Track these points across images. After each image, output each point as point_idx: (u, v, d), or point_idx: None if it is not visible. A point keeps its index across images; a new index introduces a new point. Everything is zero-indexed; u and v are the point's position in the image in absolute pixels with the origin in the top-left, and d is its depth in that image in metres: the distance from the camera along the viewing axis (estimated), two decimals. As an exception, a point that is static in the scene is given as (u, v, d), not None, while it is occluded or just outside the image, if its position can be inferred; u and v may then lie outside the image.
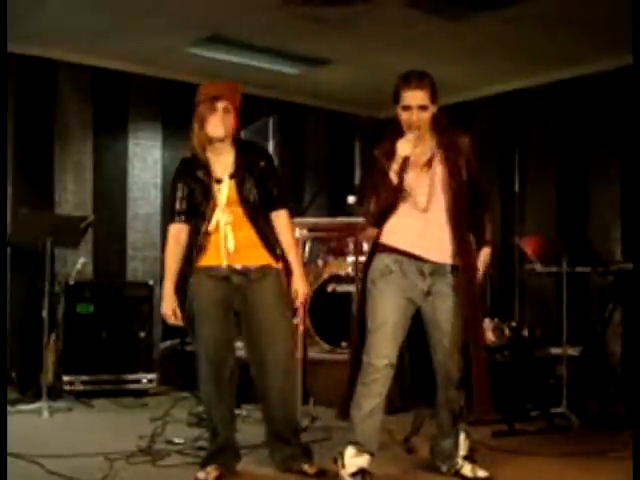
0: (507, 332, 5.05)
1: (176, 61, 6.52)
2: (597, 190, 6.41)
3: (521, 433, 4.37)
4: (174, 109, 6.95)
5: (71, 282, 5.70)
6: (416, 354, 4.65)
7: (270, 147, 7.04)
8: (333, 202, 7.41)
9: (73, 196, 6.40)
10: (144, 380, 5.78)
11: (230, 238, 3.45)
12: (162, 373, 6.00)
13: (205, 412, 3.65)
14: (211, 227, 3.46)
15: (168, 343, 6.42)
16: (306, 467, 3.50)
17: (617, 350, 5.99)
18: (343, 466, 3.33)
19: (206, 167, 3.50)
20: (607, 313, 5.09)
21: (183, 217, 3.53)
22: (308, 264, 6.03)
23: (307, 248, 6.17)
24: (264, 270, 3.50)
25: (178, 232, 3.53)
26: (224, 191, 3.47)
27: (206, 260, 3.48)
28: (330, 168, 7.80)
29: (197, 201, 3.49)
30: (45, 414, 4.84)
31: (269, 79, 6.94)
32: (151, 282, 6.07)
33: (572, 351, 5.08)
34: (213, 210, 3.47)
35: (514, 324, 5.24)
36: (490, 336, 5.01)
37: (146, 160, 6.82)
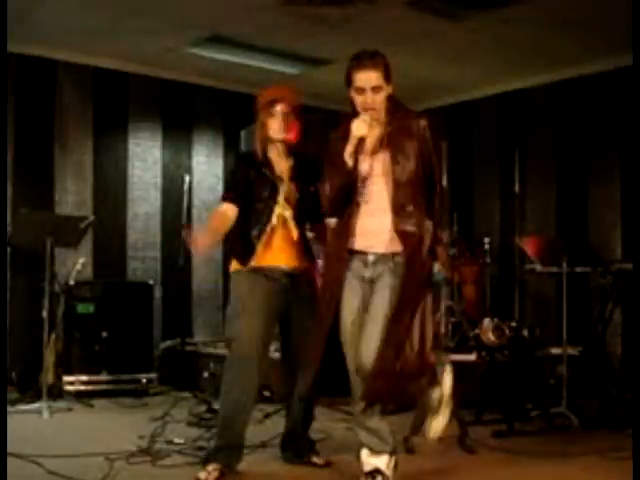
0: (507, 332, 5.05)
1: (176, 61, 6.52)
2: (597, 190, 6.41)
3: (521, 433, 4.38)
4: (174, 109, 6.96)
5: (71, 282, 5.70)
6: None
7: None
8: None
9: (73, 196, 6.40)
10: (144, 380, 5.78)
11: (277, 236, 3.57)
12: (162, 373, 6.00)
13: (228, 413, 3.51)
14: (275, 221, 3.57)
15: (168, 343, 6.42)
16: (315, 459, 3.66)
17: (617, 350, 6.00)
18: (361, 463, 3.27)
19: (270, 165, 3.63)
20: (607, 313, 5.09)
21: (236, 200, 3.59)
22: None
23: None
24: (306, 273, 3.67)
25: (227, 210, 3.60)
26: (282, 190, 3.60)
27: (263, 259, 3.55)
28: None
29: (262, 195, 3.58)
30: (45, 414, 4.83)
31: (269, 79, 6.92)
32: (151, 282, 6.07)
33: (572, 351, 5.08)
34: (273, 207, 3.58)
35: (514, 324, 5.23)
36: (490, 336, 5.02)
37: (146, 160, 6.81)
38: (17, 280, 5.93)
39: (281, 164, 3.67)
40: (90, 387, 5.57)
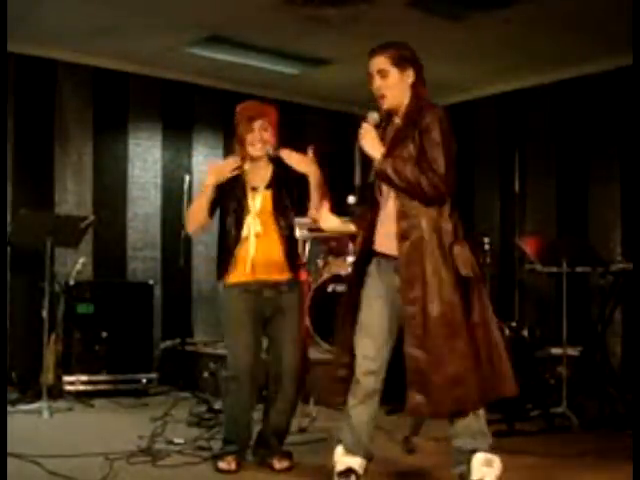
0: (507, 332, 5.04)
1: (176, 61, 6.52)
2: (597, 190, 6.41)
3: (521, 433, 4.37)
4: (174, 109, 6.96)
5: (71, 282, 5.69)
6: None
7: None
8: (333, 202, 7.40)
9: (73, 196, 6.40)
10: (144, 380, 5.78)
11: (253, 249, 3.55)
12: (162, 373, 6.00)
13: (234, 418, 3.61)
14: (244, 234, 3.57)
15: (168, 343, 6.43)
16: (275, 463, 3.60)
17: (617, 350, 6.00)
18: (334, 462, 3.21)
19: (241, 178, 3.64)
20: (607, 313, 5.09)
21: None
22: (308, 264, 6.04)
23: (307, 248, 6.17)
24: (290, 282, 3.63)
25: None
26: (258, 200, 3.61)
27: (237, 276, 3.56)
28: (330, 168, 7.78)
29: (230, 207, 3.61)
30: (45, 414, 4.83)
31: (269, 79, 6.93)
32: (151, 282, 6.08)
33: (572, 351, 5.08)
34: (244, 218, 3.58)
35: (514, 324, 5.24)
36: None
37: (146, 160, 6.81)
38: (17, 280, 5.93)
39: (259, 173, 3.67)
40: (90, 387, 5.57)
